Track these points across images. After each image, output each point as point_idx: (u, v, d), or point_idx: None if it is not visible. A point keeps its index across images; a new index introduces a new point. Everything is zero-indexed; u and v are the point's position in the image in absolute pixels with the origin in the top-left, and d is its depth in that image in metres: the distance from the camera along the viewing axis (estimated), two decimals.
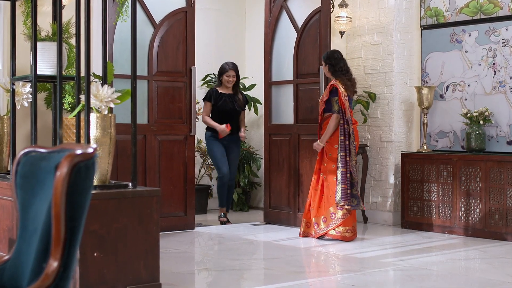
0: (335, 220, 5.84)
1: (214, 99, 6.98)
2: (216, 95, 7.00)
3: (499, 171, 6.05)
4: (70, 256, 1.99)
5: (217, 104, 6.96)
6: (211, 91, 7.06)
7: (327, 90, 5.95)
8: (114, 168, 5.88)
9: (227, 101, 6.99)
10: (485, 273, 4.78)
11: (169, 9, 6.37)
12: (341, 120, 5.88)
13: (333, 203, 5.84)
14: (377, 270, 4.85)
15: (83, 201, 2.01)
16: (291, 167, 6.76)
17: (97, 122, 3.77)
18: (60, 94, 3.89)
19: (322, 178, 5.95)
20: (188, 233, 6.37)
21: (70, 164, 1.93)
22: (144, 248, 3.83)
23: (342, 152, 5.85)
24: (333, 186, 5.85)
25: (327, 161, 5.92)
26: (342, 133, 5.87)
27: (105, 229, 3.68)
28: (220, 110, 6.98)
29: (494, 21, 6.51)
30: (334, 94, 5.88)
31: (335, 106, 5.87)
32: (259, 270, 4.95)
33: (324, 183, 5.92)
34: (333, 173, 5.88)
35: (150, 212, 3.85)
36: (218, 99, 6.98)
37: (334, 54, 6.02)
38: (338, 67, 5.95)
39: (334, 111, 5.88)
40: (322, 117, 6.01)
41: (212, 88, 7.19)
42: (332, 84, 5.90)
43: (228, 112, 7.00)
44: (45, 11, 5.08)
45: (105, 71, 3.98)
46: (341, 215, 5.84)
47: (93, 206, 3.64)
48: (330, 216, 5.87)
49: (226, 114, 6.99)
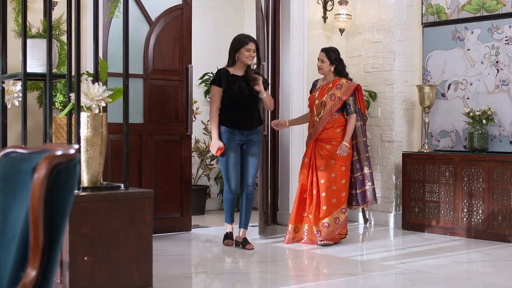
0: (339, 225, 5.70)
1: (225, 83, 5.47)
2: (229, 77, 5.48)
3: (502, 171, 5.93)
4: (50, 264, 1.86)
5: (231, 89, 5.45)
6: (222, 72, 5.51)
7: (351, 89, 5.71)
8: (109, 169, 5.77)
9: (242, 86, 5.49)
10: (488, 276, 4.66)
11: (165, 6, 6.25)
12: (360, 121, 5.80)
13: (338, 206, 5.67)
14: (378, 274, 4.72)
15: (63, 206, 1.88)
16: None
17: (87, 121, 3.66)
18: (50, 93, 3.76)
19: (318, 181, 5.69)
20: (185, 235, 6.24)
21: (49, 166, 1.81)
22: (137, 251, 3.71)
23: (367, 153, 5.83)
24: (342, 189, 5.70)
25: (336, 163, 5.67)
26: (364, 135, 5.84)
27: (96, 232, 3.56)
28: (233, 98, 5.47)
29: (497, 18, 6.39)
30: (353, 95, 5.75)
31: (353, 106, 5.73)
32: (257, 274, 4.82)
33: (325, 186, 5.65)
34: (343, 175, 5.70)
35: (143, 214, 3.73)
36: (231, 83, 5.47)
37: (339, 54, 5.88)
38: (344, 67, 5.85)
39: (351, 111, 5.73)
40: (332, 116, 5.72)
41: (220, 69, 5.63)
42: (357, 84, 5.78)
43: (244, 100, 5.50)
44: (37, 8, 4.95)
45: (97, 68, 3.85)
46: (344, 218, 5.71)
47: (84, 208, 3.53)
48: (334, 221, 5.68)
49: (241, 103, 5.49)
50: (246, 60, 5.48)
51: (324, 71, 5.83)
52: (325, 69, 5.81)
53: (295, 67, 6.80)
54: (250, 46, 5.46)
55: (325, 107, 5.74)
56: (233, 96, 5.46)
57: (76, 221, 3.48)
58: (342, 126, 5.73)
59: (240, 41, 5.50)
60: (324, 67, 5.81)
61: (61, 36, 4.51)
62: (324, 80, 5.89)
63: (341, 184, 5.70)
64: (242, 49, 5.46)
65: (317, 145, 5.74)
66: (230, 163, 5.50)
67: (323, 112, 5.74)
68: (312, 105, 5.88)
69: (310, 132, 5.84)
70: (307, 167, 5.76)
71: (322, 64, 5.81)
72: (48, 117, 3.75)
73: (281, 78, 6.90)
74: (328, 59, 5.79)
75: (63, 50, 4.55)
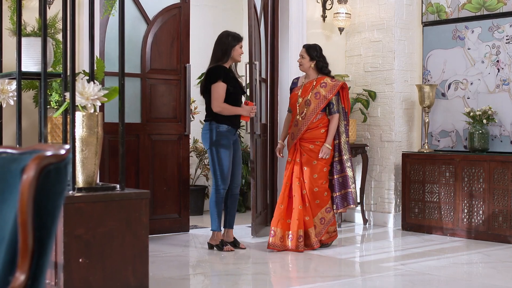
0: (325, 224, 5.55)
1: (230, 79, 5.36)
2: (228, 74, 5.37)
3: (503, 171, 5.87)
4: (40, 268, 1.81)
5: (234, 86, 5.37)
6: (224, 69, 5.36)
7: (336, 88, 5.56)
8: (106, 169, 5.72)
9: (237, 83, 5.48)
10: (489, 278, 4.61)
11: (163, 5, 6.19)
12: (344, 120, 5.67)
13: (322, 206, 5.54)
14: (377, 275, 4.67)
15: (53, 208, 1.82)
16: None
17: (83, 121, 3.59)
18: (45, 92, 3.70)
19: (302, 182, 5.51)
20: (183, 235, 6.19)
21: (38, 166, 1.75)
22: (133, 253, 3.64)
23: (349, 154, 5.64)
24: (324, 189, 5.55)
25: (318, 164, 5.52)
26: (348, 135, 5.69)
27: (91, 234, 3.49)
28: (236, 95, 5.41)
29: (497, 17, 6.33)
30: (337, 93, 5.64)
31: (336, 105, 5.62)
32: (255, 275, 4.77)
33: (308, 187, 5.49)
34: (324, 177, 5.55)
35: (139, 215, 3.66)
36: (232, 80, 5.37)
37: (321, 51, 5.76)
38: (326, 64, 5.72)
39: (334, 111, 5.62)
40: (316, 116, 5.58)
41: (219, 65, 5.40)
42: (342, 82, 5.66)
43: (240, 95, 5.50)
44: (33, 6, 4.90)
45: (92, 67, 3.80)
46: (330, 217, 5.59)
47: (79, 209, 3.47)
48: (320, 222, 5.55)
49: (239, 98, 5.49)
50: (239, 58, 5.44)
51: (304, 68, 5.68)
52: (305, 65, 5.65)
53: (294, 67, 6.73)
54: (242, 43, 5.46)
55: (309, 106, 5.58)
56: (236, 93, 5.40)
57: (70, 222, 3.42)
58: (326, 126, 5.59)
59: (235, 38, 5.43)
60: (304, 63, 5.66)
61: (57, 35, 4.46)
62: (306, 78, 5.72)
63: (322, 185, 5.54)
64: (237, 46, 5.40)
65: (300, 145, 5.61)
66: (226, 164, 5.36)
67: (306, 111, 5.57)
68: (294, 103, 5.69)
69: (293, 131, 5.66)
70: (290, 167, 5.60)
71: (302, 60, 5.67)
72: (43, 117, 3.69)
73: (280, 77, 6.84)
74: (308, 54, 5.63)
75: (59, 49, 4.49)
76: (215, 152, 5.37)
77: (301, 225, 5.44)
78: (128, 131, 5.91)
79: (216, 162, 5.36)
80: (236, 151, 5.51)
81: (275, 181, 6.86)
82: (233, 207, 5.57)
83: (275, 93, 6.82)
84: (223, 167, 5.36)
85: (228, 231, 5.57)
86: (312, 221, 5.51)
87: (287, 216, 5.51)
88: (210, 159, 5.41)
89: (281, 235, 5.46)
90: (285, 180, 5.60)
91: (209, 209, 5.48)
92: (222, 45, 5.42)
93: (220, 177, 5.37)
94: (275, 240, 5.46)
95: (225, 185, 5.42)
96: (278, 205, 5.57)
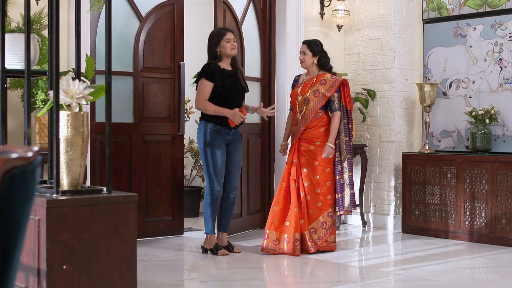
0: (327, 230, 5.39)
1: (217, 78, 5.19)
2: (219, 72, 5.22)
3: (506, 172, 5.71)
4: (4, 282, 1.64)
5: (224, 84, 5.20)
6: (212, 66, 5.20)
7: (336, 85, 5.36)
8: (98, 171, 5.55)
9: (232, 80, 5.26)
10: (492, 284, 4.45)
11: (156, 1, 6.02)
12: (345, 119, 5.48)
13: (324, 210, 5.37)
14: (377, 281, 4.49)
15: (19, 216, 1.65)
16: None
17: (67, 120, 3.42)
18: (28, 90, 3.54)
19: (301, 184, 5.33)
20: (176, 238, 6.02)
21: (1, 171, 1.58)
22: (120, 259, 3.48)
23: (348, 154, 5.41)
24: (327, 191, 5.39)
25: (319, 165, 5.34)
26: (348, 134, 5.45)
27: (76, 239, 3.32)
28: (227, 94, 5.21)
29: (500, 14, 6.17)
30: (338, 90, 5.46)
31: (337, 103, 5.43)
32: (250, 281, 4.59)
33: (308, 189, 5.32)
34: (327, 178, 5.38)
35: (127, 219, 3.49)
36: (223, 78, 5.21)
37: (322, 46, 5.58)
38: (328, 60, 5.54)
39: (335, 108, 5.45)
40: (315, 114, 5.40)
41: (210, 62, 5.27)
42: (343, 79, 5.47)
43: (235, 97, 5.28)
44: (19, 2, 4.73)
45: (79, 64, 3.63)
46: (331, 222, 5.41)
47: (62, 214, 3.30)
48: (321, 226, 5.37)
49: (233, 100, 5.25)
50: (231, 52, 5.23)
51: (306, 64, 5.48)
52: (307, 61, 5.46)
53: (291, 65, 6.57)
54: (229, 36, 5.23)
55: (308, 104, 5.40)
56: (227, 92, 5.21)
57: (54, 227, 3.25)
58: (326, 125, 5.39)
59: (217, 34, 5.28)
60: (306, 60, 5.46)
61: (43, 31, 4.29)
62: (307, 75, 5.54)
63: (326, 187, 5.36)
64: (222, 42, 5.22)
65: (299, 145, 5.43)
66: (218, 163, 5.18)
67: (305, 110, 5.39)
68: (294, 101, 5.52)
69: (293, 131, 5.50)
70: (287, 168, 5.43)
71: (304, 56, 5.46)
72: (27, 116, 3.52)
73: (277, 76, 6.67)
74: (310, 50, 5.44)
75: (45, 45, 4.33)
76: (206, 152, 5.21)
77: (298, 228, 5.27)
78: (120, 131, 5.75)
79: (209, 162, 5.20)
80: (233, 152, 5.32)
81: (272, 182, 6.69)
82: (228, 211, 5.39)
83: (272, 92, 6.66)
84: (215, 168, 5.19)
85: (222, 235, 5.40)
86: (307, 225, 5.33)
87: (282, 218, 5.34)
88: (203, 159, 5.25)
89: (275, 238, 5.29)
90: (281, 181, 5.43)
91: (203, 211, 5.33)
92: (209, 44, 5.31)
93: (213, 177, 5.21)
94: (268, 243, 5.30)
95: (219, 186, 5.24)
96: (273, 207, 5.40)
